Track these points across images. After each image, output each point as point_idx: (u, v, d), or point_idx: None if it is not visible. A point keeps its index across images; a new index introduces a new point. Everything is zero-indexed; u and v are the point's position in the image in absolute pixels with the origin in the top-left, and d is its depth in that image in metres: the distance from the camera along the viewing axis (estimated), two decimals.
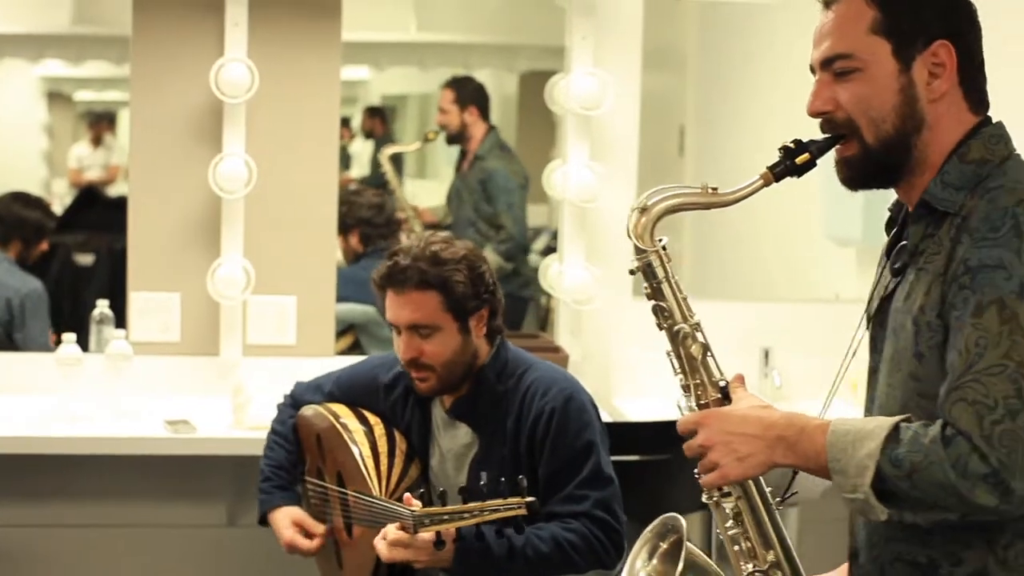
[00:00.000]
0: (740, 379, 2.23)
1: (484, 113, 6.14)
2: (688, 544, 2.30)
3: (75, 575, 4.51)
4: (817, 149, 2.16)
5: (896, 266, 2.14)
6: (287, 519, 3.50)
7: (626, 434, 4.22)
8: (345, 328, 5.11)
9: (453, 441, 3.38)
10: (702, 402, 2.22)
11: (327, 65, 4.61)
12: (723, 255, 5.61)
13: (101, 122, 9.94)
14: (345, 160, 8.18)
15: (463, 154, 6.21)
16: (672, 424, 4.31)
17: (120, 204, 5.48)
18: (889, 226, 2.26)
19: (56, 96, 10.17)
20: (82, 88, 10.39)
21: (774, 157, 2.22)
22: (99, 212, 7.35)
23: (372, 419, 3.46)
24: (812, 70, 2.19)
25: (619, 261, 4.80)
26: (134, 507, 4.48)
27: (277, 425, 3.64)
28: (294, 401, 3.65)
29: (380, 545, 3.11)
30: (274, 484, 3.55)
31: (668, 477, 4.22)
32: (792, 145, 2.17)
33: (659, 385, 4.70)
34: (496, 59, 7.39)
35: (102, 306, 4.51)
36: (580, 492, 3.21)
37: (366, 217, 5.38)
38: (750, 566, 2.19)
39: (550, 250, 5.78)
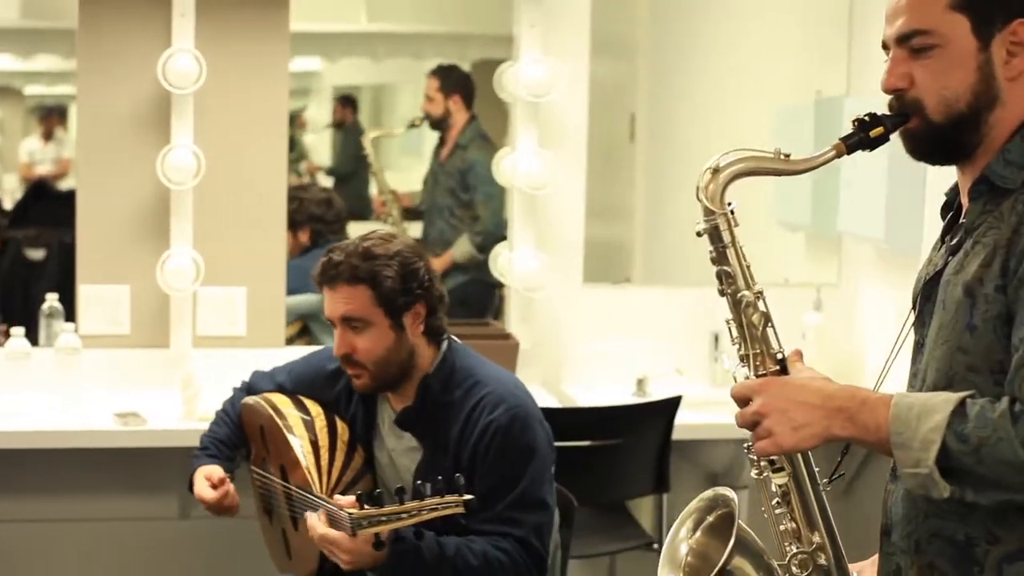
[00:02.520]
0: (798, 354, 2.19)
1: (468, 102, 6.13)
2: (739, 522, 2.22)
3: (27, 570, 4.50)
4: (892, 124, 2.11)
5: (953, 243, 2.10)
6: (201, 475, 3.49)
7: (576, 420, 4.25)
8: (294, 318, 5.11)
9: (399, 443, 3.37)
10: (760, 373, 2.18)
11: (275, 56, 4.61)
12: (674, 241, 5.62)
13: (51, 116, 9.85)
14: (301, 151, 8.15)
15: (442, 141, 6.20)
16: (621, 409, 4.36)
17: (71, 198, 5.45)
18: (945, 210, 2.21)
19: (6, 91, 10.09)
20: (32, 82, 10.30)
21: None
22: (50, 206, 7.29)
23: (314, 410, 3.45)
24: (884, 47, 2.14)
25: (570, 248, 4.84)
26: (85, 501, 4.47)
27: (228, 405, 3.65)
28: (249, 387, 3.65)
29: (315, 528, 3.11)
30: (208, 453, 3.55)
31: (617, 462, 4.24)
32: (867, 118, 2.13)
33: (608, 371, 4.78)
34: (448, 48, 7.36)
35: (51, 299, 4.50)
36: (515, 515, 3.18)
37: (317, 214, 5.37)
38: (794, 547, 2.17)
39: None
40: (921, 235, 4.51)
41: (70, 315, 4.48)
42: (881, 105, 4.99)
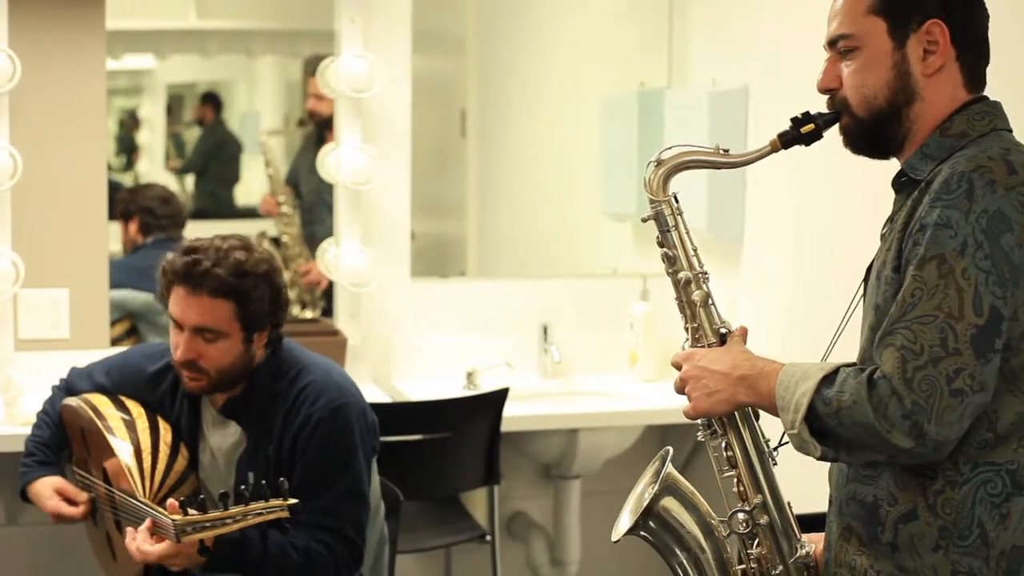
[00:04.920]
0: (743, 331, 2.37)
1: None
2: (671, 470, 2.42)
3: None
4: (824, 122, 2.29)
5: (883, 232, 2.25)
6: (48, 489, 3.45)
7: (406, 414, 4.26)
8: (122, 316, 5.05)
9: (223, 439, 3.36)
10: (699, 345, 2.37)
11: (92, 54, 4.54)
12: (506, 235, 5.66)
13: None
14: (133, 150, 8.05)
15: (321, 138, 6.12)
16: (449, 402, 4.39)
17: None
18: None
19: None
20: None
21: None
22: None
23: (135, 411, 3.41)
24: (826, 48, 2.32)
25: (396, 243, 4.85)
26: None
27: (48, 406, 3.60)
28: (68, 386, 3.61)
29: (133, 548, 3.08)
30: (36, 460, 3.50)
31: (447, 455, 4.26)
32: (800, 116, 2.31)
33: (438, 365, 4.80)
34: (279, 45, 7.33)
35: None
36: (334, 507, 3.21)
37: (148, 206, 5.31)
38: (740, 505, 2.35)
39: None
40: (743, 225, 4.60)
41: None
42: (693, 100, 5.09)
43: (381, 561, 3.49)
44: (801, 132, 2.30)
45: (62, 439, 3.56)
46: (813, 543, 2.35)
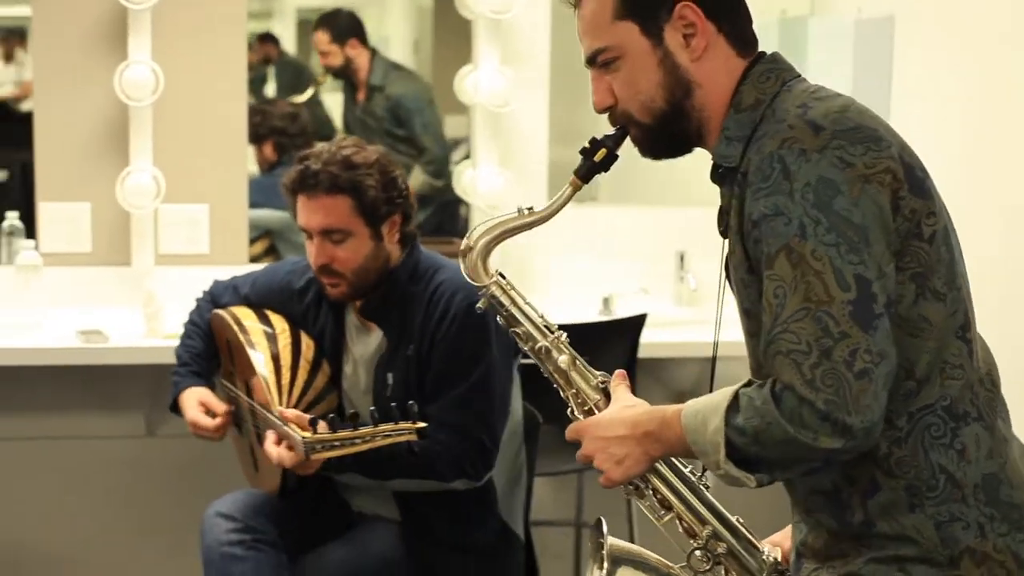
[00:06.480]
0: (622, 376, 2.27)
1: (363, 40, 6.04)
2: (612, 540, 2.30)
3: None
4: (613, 142, 2.20)
5: (720, 229, 2.15)
6: (194, 399, 3.47)
7: None
8: (260, 234, 5.09)
9: (365, 347, 3.38)
10: (585, 408, 2.29)
11: None
12: (640, 161, 5.61)
13: (12, 37, 9.77)
14: (259, 73, 8.08)
15: (353, 86, 6.11)
16: (587, 327, 4.36)
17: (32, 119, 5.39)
18: None
19: None
20: None
21: None
22: (11, 128, 7.22)
23: (279, 326, 3.43)
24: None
25: (533, 165, 4.83)
26: (50, 419, 4.45)
27: (196, 317, 3.62)
28: (212, 298, 3.64)
29: (274, 452, 3.14)
30: (191, 369, 3.53)
31: None
32: (588, 145, 2.22)
33: (574, 290, 4.78)
34: None
35: (11, 218, 4.47)
36: (459, 401, 3.22)
37: (280, 127, 5.36)
38: (692, 543, 2.24)
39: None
40: None
41: (32, 234, 4.45)
42: (837, 29, 4.98)
43: (520, 482, 3.49)
44: (595, 161, 2.21)
45: (212, 349, 3.58)
46: (776, 545, 2.26)
